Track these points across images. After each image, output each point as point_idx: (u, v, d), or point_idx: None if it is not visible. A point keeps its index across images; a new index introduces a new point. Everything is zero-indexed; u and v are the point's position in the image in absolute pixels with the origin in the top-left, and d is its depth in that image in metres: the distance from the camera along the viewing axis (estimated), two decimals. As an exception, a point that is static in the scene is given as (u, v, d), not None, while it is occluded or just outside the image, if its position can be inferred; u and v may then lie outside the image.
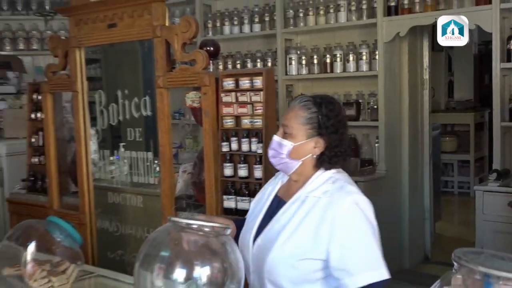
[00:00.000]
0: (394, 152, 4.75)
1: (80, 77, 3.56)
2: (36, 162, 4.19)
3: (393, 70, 4.71)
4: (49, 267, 1.89)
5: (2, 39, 6.78)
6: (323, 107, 1.97)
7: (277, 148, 2.00)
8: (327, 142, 1.95)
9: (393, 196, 4.75)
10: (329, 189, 1.92)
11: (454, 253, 1.18)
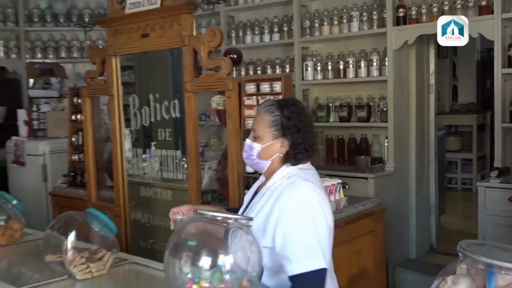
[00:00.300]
0: (402, 151, 4.71)
1: (115, 83, 3.58)
2: (76, 159, 4.23)
3: (402, 75, 4.67)
4: (87, 254, 1.91)
5: (46, 48, 6.86)
6: (285, 110, 2.02)
7: (249, 150, 2.07)
8: (291, 141, 2.00)
9: (401, 191, 4.71)
10: (282, 184, 1.97)
11: (459, 245, 1.17)
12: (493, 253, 1.14)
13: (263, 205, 1.98)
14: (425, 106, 5.03)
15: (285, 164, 2.04)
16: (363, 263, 3.10)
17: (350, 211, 3.04)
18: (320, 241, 1.85)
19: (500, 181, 3.88)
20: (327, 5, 5.05)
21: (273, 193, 1.98)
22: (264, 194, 2.03)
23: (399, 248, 4.66)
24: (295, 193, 1.91)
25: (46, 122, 5.61)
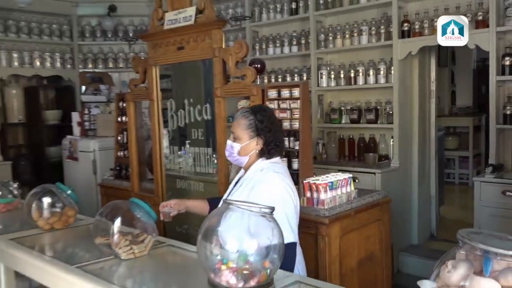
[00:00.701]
0: (406, 149, 4.66)
1: (155, 89, 3.61)
2: (121, 155, 4.28)
3: (406, 82, 4.62)
4: (131, 238, 1.92)
5: (96, 59, 6.95)
6: (258, 114, 2.19)
7: (230, 149, 2.22)
8: (264, 140, 2.17)
9: (404, 184, 4.66)
10: (256, 175, 2.15)
11: (458, 233, 1.15)
12: (489, 240, 1.12)
13: (241, 193, 2.13)
14: (426, 109, 4.97)
15: (260, 159, 2.20)
16: (371, 247, 3.08)
17: (359, 202, 3.02)
18: (289, 219, 2.05)
19: (494, 176, 3.84)
20: (340, 21, 5.02)
21: (248, 183, 2.15)
22: (241, 184, 2.20)
23: (403, 235, 4.62)
24: (267, 183, 2.10)
25: (96, 123, 5.68)
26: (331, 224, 2.75)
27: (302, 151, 2.94)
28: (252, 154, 2.20)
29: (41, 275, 1.90)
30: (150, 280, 1.75)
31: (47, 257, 1.94)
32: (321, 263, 2.75)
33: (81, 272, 1.73)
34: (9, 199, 2.83)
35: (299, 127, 2.95)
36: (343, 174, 3.04)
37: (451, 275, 1.10)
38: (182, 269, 1.95)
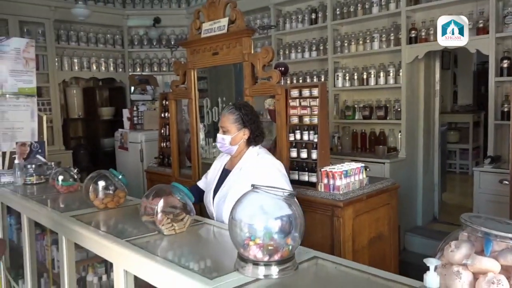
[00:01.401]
0: (412, 142, 4.57)
1: (193, 89, 3.61)
2: (164, 146, 4.30)
3: (413, 83, 4.52)
4: (172, 216, 1.92)
5: (143, 64, 7.02)
6: (242, 109, 2.26)
7: (222, 141, 2.26)
8: (250, 130, 2.24)
9: (410, 173, 4.57)
10: (253, 158, 2.24)
11: (461, 217, 1.11)
12: (490, 224, 1.08)
13: (246, 174, 2.18)
14: (431, 107, 4.85)
15: (250, 146, 2.28)
16: (380, 228, 3.03)
17: (370, 188, 2.97)
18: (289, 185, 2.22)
19: (492, 166, 3.74)
20: (354, 29, 4.94)
21: (249, 166, 2.21)
22: (241, 168, 2.23)
23: (408, 217, 4.54)
24: (268, 161, 2.23)
25: (143, 119, 5.74)
26: (345, 207, 2.72)
27: (320, 143, 2.90)
28: (241, 143, 2.25)
29: (96, 247, 1.93)
30: (188, 253, 1.75)
31: (102, 231, 1.96)
32: (336, 241, 2.72)
33: (130, 245, 1.75)
34: (70, 182, 2.89)
35: (317, 122, 2.91)
36: (356, 164, 2.99)
37: (454, 254, 1.06)
38: (215, 244, 1.95)
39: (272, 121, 3.37)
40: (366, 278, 1.42)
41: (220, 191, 2.27)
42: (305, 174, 2.97)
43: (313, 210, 2.80)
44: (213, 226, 2.05)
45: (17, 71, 3.99)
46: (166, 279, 1.51)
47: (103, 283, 2.36)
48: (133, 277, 1.73)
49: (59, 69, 6.27)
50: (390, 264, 3.06)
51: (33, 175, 3.21)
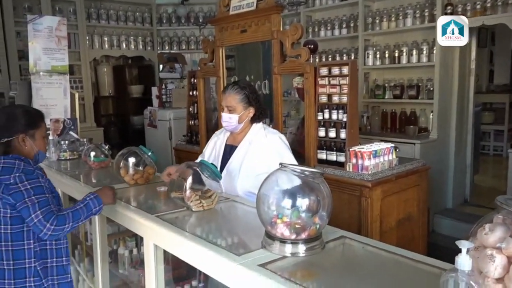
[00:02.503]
0: (444, 122, 4.44)
1: (221, 67, 3.61)
2: (192, 124, 4.34)
3: (447, 62, 4.36)
4: (200, 193, 1.95)
5: (172, 42, 7.03)
6: (247, 89, 2.27)
7: (228, 120, 2.27)
8: (255, 108, 2.27)
9: (442, 154, 4.45)
10: (263, 133, 2.27)
11: (497, 199, 1.08)
12: (526, 207, 1.04)
13: (255, 148, 2.23)
14: (465, 86, 4.67)
15: (254, 123, 2.31)
16: (409, 209, 2.98)
17: (400, 169, 2.92)
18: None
19: (529, 148, 3.57)
20: (386, 5, 4.78)
21: (256, 141, 2.25)
22: (250, 142, 2.27)
23: (438, 199, 4.45)
24: (275, 136, 2.27)
25: (171, 97, 5.79)
26: (374, 187, 2.69)
27: (349, 122, 2.86)
28: (246, 121, 2.28)
29: (127, 221, 1.98)
30: (216, 230, 1.78)
31: (132, 206, 2.01)
32: (364, 221, 2.71)
33: (159, 220, 1.79)
34: (102, 158, 2.96)
35: (347, 101, 2.86)
36: (386, 144, 2.94)
37: (489, 237, 1.03)
38: (243, 221, 1.97)
39: (300, 99, 3.34)
40: (394, 259, 1.41)
41: (228, 166, 2.30)
42: (333, 154, 2.94)
43: (340, 190, 2.78)
44: (240, 203, 2.06)
45: (50, 49, 4.07)
46: (195, 254, 1.54)
47: (134, 256, 2.43)
48: (162, 251, 1.78)
49: (90, 47, 6.36)
50: (418, 246, 3.03)
51: (66, 151, 3.31)
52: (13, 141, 1.78)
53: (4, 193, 1.65)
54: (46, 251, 1.77)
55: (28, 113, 1.86)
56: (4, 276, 1.70)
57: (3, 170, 1.67)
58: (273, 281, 1.22)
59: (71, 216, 1.73)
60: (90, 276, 2.54)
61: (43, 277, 1.75)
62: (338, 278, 1.33)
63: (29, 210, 1.64)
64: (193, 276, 1.98)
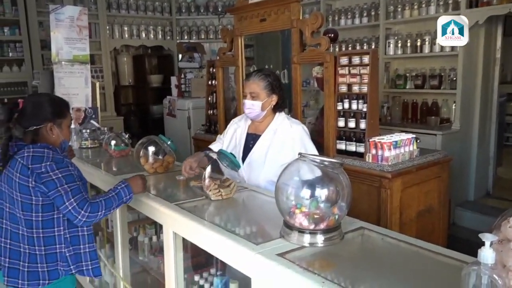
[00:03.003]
0: (467, 113, 4.34)
1: (240, 56, 3.59)
2: (211, 113, 4.35)
3: (471, 51, 4.25)
4: (219, 182, 1.96)
5: (191, 31, 7.04)
6: (270, 76, 2.26)
7: (251, 107, 2.24)
8: (277, 96, 2.26)
9: (464, 146, 4.36)
10: (288, 123, 2.26)
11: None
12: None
13: (281, 137, 2.21)
14: (490, 76, 4.56)
15: (277, 112, 2.29)
16: (430, 201, 2.94)
17: (421, 160, 2.88)
18: None
19: (555, 141, 3.47)
20: (409, -7, 4.67)
21: (281, 130, 2.24)
22: (275, 132, 2.25)
23: (460, 191, 4.38)
24: (299, 127, 2.25)
25: (190, 86, 5.80)
26: (394, 178, 2.66)
27: (369, 112, 2.82)
28: (268, 108, 2.26)
29: (147, 209, 2.01)
30: (234, 218, 1.79)
31: (152, 195, 2.03)
32: (383, 212, 2.68)
33: (179, 209, 1.81)
34: (122, 147, 3.00)
35: (367, 91, 2.82)
36: (407, 135, 2.90)
37: (513, 230, 1.01)
38: (261, 211, 1.97)
39: (319, 89, 3.31)
40: (414, 251, 1.40)
41: (251, 155, 2.28)
42: (353, 144, 2.92)
43: (359, 181, 2.76)
44: (259, 193, 2.07)
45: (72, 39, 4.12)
46: (213, 243, 1.55)
47: (153, 243, 2.47)
48: (181, 239, 1.80)
49: (110, 37, 6.41)
50: (438, 238, 2.99)
51: (87, 139, 3.37)
52: (41, 129, 1.81)
53: (37, 181, 1.68)
54: (77, 237, 1.81)
55: (55, 102, 1.89)
56: (36, 260, 1.75)
57: (34, 159, 1.70)
58: (291, 271, 1.23)
59: (103, 204, 1.77)
60: (111, 262, 2.59)
61: (72, 263, 1.80)
62: (356, 269, 1.32)
63: (62, 199, 1.68)
64: (211, 264, 1.99)
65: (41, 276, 1.75)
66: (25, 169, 1.69)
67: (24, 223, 1.73)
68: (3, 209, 1.78)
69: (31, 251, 1.74)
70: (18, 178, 1.69)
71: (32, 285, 1.74)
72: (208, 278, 1.94)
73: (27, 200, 1.71)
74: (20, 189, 1.70)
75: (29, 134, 1.80)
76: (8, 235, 1.77)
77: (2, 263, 1.77)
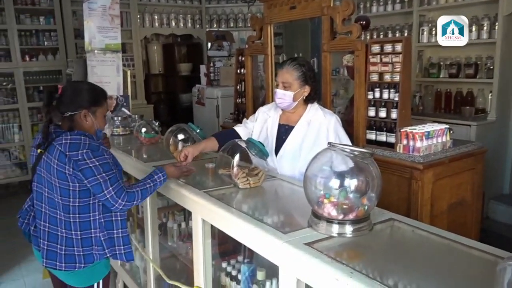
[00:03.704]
0: (504, 103, 4.19)
1: (270, 44, 3.57)
2: (239, 102, 4.35)
3: (509, 38, 4.08)
4: (247, 171, 1.97)
5: (220, 20, 7.04)
6: (305, 66, 2.21)
7: (283, 97, 2.21)
8: (311, 87, 2.22)
9: (500, 137, 4.22)
10: (321, 114, 2.23)
11: None
12: None
13: (315, 128, 2.20)
14: (529, 65, 4.37)
15: (309, 103, 2.26)
16: (462, 194, 2.87)
17: (454, 151, 2.80)
18: None
19: None
20: (445, -22, 4.51)
21: (315, 121, 2.22)
22: (309, 123, 2.22)
23: (495, 184, 4.25)
24: (333, 117, 2.23)
25: (219, 75, 5.82)
26: (425, 170, 2.60)
27: (401, 102, 2.76)
28: (300, 99, 2.23)
29: (176, 196, 2.04)
30: (262, 207, 1.79)
31: (181, 182, 2.06)
32: (413, 204, 2.63)
33: (207, 196, 1.82)
34: (152, 134, 3.05)
35: (399, 80, 2.76)
36: (440, 125, 2.83)
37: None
38: (289, 200, 1.97)
39: (349, 78, 3.26)
40: (446, 244, 1.36)
41: (285, 146, 2.24)
42: (383, 134, 2.86)
43: (389, 172, 2.71)
44: (287, 182, 2.06)
45: (104, 28, 4.19)
46: (241, 230, 1.56)
47: (182, 229, 2.50)
48: (210, 226, 1.82)
49: (141, 25, 6.48)
50: (470, 232, 2.92)
51: (119, 127, 3.44)
52: (76, 116, 1.85)
53: (74, 168, 1.73)
54: (111, 222, 1.86)
55: (93, 90, 1.93)
56: (73, 244, 1.81)
57: (71, 146, 1.74)
58: (319, 260, 1.22)
59: (140, 194, 1.82)
60: (141, 246, 2.66)
61: (106, 247, 1.85)
62: (386, 261, 1.30)
63: (101, 187, 1.72)
64: (239, 252, 2.01)
65: (77, 260, 1.80)
66: (62, 156, 1.73)
67: (61, 207, 1.78)
68: (42, 194, 1.84)
69: (68, 235, 1.80)
70: (56, 165, 1.74)
71: (68, 268, 1.80)
72: (235, 265, 1.95)
73: (64, 186, 1.75)
74: (58, 175, 1.75)
75: (66, 120, 1.85)
76: (47, 219, 1.83)
77: (41, 245, 1.83)
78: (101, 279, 1.91)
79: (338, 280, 1.14)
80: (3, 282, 3.40)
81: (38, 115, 5.73)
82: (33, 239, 1.94)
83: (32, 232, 1.93)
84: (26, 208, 1.98)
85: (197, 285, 1.89)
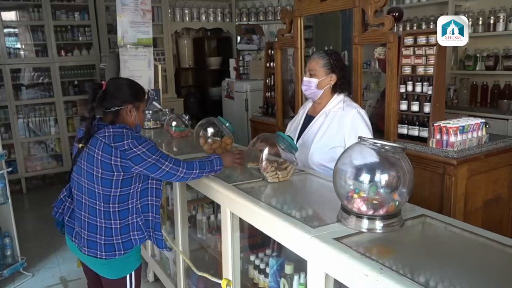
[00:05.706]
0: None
1: (299, 37, 3.54)
2: (268, 96, 4.34)
3: (552, 28, 3.90)
4: (276, 165, 1.96)
5: (250, 13, 7.02)
6: (333, 56, 2.25)
7: (308, 84, 2.26)
8: (337, 76, 2.24)
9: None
10: (342, 106, 2.23)
11: None
12: None
13: (332, 120, 2.22)
14: None
15: (335, 93, 2.27)
16: (499, 190, 2.78)
17: (490, 146, 2.71)
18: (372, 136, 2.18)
19: None
20: (483, -34, 4.34)
21: (336, 113, 2.23)
22: (327, 115, 2.25)
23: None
24: (354, 111, 2.20)
25: (249, 68, 5.83)
26: (459, 165, 2.53)
27: (435, 95, 2.69)
28: (327, 88, 2.25)
29: (205, 189, 2.06)
30: (291, 201, 1.79)
31: (211, 175, 2.08)
32: (446, 200, 2.57)
33: (236, 190, 1.84)
34: (182, 128, 3.09)
35: (433, 73, 2.68)
36: (475, 119, 2.74)
37: None
38: (318, 194, 1.96)
39: (381, 71, 3.20)
40: (480, 242, 1.32)
41: (303, 136, 2.31)
42: (415, 129, 2.80)
43: (422, 167, 2.65)
44: (315, 176, 2.05)
45: (136, 22, 4.26)
46: (269, 224, 1.56)
47: (211, 222, 2.53)
48: (238, 219, 1.83)
49: (172, 20, 6.55)
50: (507, 230, 2.83)
51: (150, 120, 3.50)
52: (122, 110, 1.90)
53: (123, 158, 1.78)
54: (147, 206, 1.93)
55: (135, 86, 1.98)
56: (112, 234, 1.86)
57: (115, 138, 1.79)
58: (348, 255, 1.21)
59: (198, 165, 1.91)
60: (171, 238, 2.70)
61: (145, 229, 1.92)
62: (416, 257, 1.28)
63: (156, 166, 1.80)
64: (267, 245, 2.02)
65: (117, 248, 1.86)
66: (107, 147, 1.78)
67: (102, 198, 1.83)
68: (82, 185, 1.89)
69: (107, 225, 1.85)
70: (100, 156, 1.78)
71: (109, 256, 1.86)
72: (263, 258, 1.96)
73: (107, 176, 1.80)
74: (102, 166, 1.79)
75: (109, 115, 1.90)
76: (86, 209, 1.88)
77: (82, 235, 1.89)
78: (133, 271, 1.96)
79: (368, 276, 1.13)
80: (40, 269, 3.54)
81: (73, 108, 5.90)
82: (66, 229, 2.00)
83: (67, 222, 1.99)
84: (62, 198, 2.04)
85: (225, 277, 1.91)
